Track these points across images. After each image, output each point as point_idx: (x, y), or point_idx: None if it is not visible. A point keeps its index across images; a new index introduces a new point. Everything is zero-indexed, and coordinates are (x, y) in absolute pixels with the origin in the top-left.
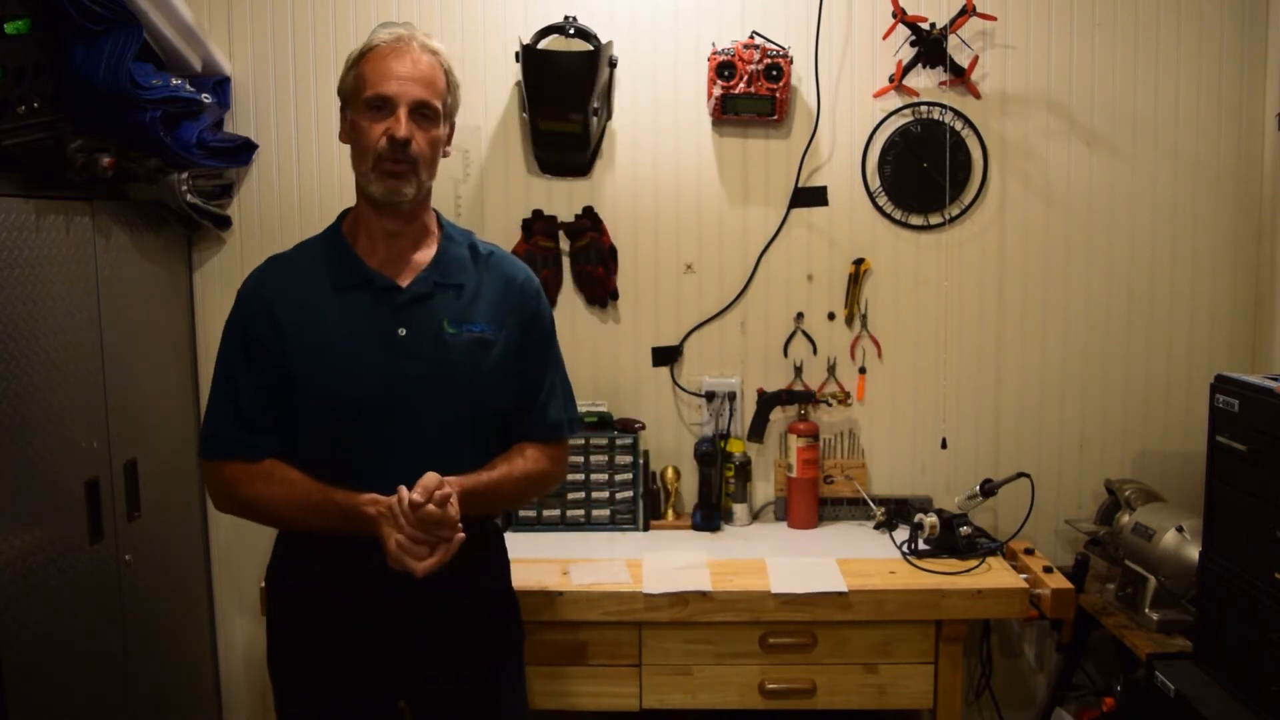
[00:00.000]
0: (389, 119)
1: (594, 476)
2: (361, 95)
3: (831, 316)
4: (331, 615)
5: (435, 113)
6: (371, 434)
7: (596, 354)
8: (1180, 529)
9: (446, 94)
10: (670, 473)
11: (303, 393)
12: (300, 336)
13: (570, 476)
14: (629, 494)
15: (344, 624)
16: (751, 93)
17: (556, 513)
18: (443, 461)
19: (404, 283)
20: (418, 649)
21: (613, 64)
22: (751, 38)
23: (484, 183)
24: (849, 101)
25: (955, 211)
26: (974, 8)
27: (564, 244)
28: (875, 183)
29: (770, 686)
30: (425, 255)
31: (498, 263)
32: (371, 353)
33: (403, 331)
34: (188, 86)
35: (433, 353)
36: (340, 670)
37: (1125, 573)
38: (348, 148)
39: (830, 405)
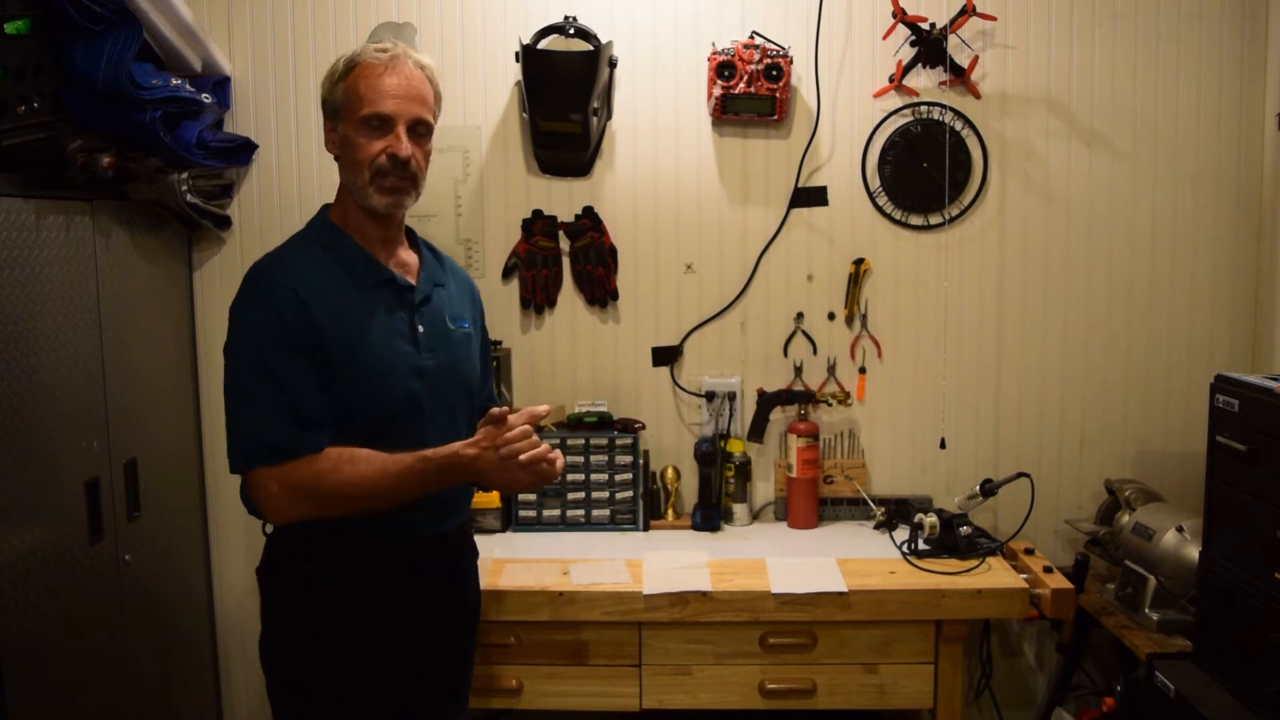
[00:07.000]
0: (386, 137)
1: (594, 476)
2: (357, 113)
3: (831, 316)
4: (376, 607)
5: (429, 129)
6: (404, 427)
7: (596, 354)
8: (1180, 529)
9: (436, 107)
10: (670, 473)
11: (342, 389)
12: (341, 334)
13: (570, 476)
14: (629, 494)
15: (386, 613)
16: (751, 93)
17: (556, 513)
18: None
19: (412, 283)
20: (443, 628)
21: (613, 64)
22: (751, 38)
23: (484, 183)
24: (849, 101)
25: (955, 211)
26: (974, 8)
27: (564, 244)
28: (875, 183)
29: (770, 686)
30: (411, 257)
31: (451, 264)
32: (405, 348)
33: (422, 329)
34: (188, 86)
35: (446, 347)
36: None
37: (1125, 573)
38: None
39: (830, 405)
